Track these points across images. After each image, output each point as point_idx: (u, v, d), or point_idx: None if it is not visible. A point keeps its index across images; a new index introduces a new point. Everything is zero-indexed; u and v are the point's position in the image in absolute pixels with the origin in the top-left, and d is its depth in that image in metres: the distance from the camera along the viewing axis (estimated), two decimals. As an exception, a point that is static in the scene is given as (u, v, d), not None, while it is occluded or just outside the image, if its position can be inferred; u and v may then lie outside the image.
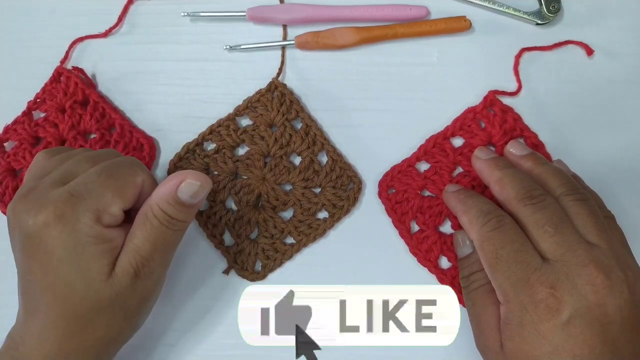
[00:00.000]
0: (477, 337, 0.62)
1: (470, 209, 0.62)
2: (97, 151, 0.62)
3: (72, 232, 0.55)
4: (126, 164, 0.61)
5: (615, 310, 0.53)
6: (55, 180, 0.58)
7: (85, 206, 0.56)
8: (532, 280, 0.55)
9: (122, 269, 0.57)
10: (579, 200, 0.59)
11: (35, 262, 0.56)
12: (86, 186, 0.57)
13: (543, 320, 0.54)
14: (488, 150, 0.67)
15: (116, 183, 0.58)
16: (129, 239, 0.59)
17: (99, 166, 0.59)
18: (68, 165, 0.60)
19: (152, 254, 0.59)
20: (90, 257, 0.56)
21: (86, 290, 0.56)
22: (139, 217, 0.60)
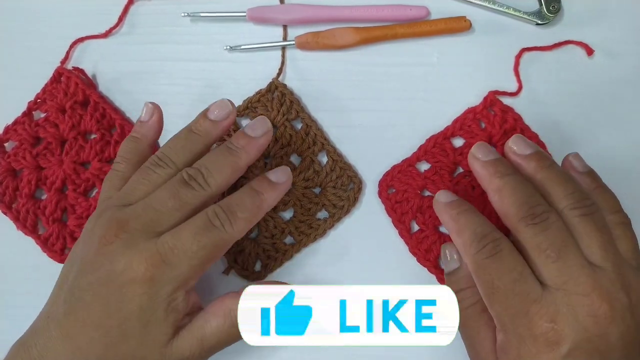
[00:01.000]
0: (471, 353, 0.60)
1: (463, 230, 0.58)
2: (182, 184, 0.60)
3: (153, 296, 0.56)
4: (218, 225, 0.58)
5: (617, 338, 0.52)
6: (147, 225, 0.58)
7: (173, 275, 0.56)
8: (531, 312, 0.53)
9: (179, 348, 0.57)
10: (584, 215, 0.56)
11: (102, 302, 0.56)
12: (178, 253, 0.56)
13: (542, 353, 0.52)
14: (487, 148, 0.61)
15: (208, 254, 0.57)
16: (200, 324, 0.59)
17: (191, 229, 0.57)
18: (156, 203, 0.59)
19: (213, 349, 0.59)
20: (157, 321, 0.56)
21: (138, 348, 0.56)
22: (220, 307, 0.60)
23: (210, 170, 0.61)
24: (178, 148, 0.63)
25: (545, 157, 0.60)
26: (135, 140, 0.67)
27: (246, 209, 0.60)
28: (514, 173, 0.59)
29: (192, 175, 0.60)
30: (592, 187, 0.61)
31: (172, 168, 0.62)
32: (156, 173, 0.61)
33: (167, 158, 0.62)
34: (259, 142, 0.64)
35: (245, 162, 0.63)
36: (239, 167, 0.63)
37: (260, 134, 0.64)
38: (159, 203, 0.59)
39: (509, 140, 0.62)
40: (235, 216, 0.59)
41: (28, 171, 0.74)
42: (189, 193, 0.59)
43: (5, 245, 0.75)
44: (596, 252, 0.54)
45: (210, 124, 0.64)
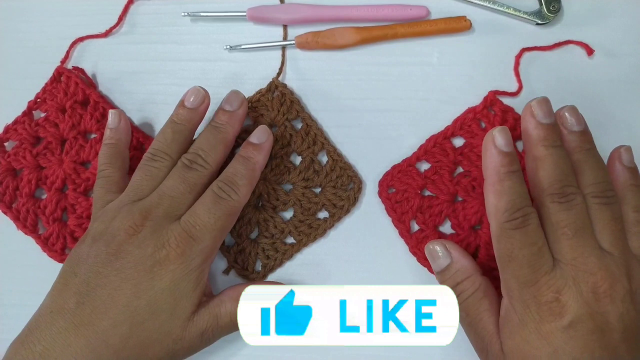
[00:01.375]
0: (476, 342, 0.62)
1: (503, 194, 0.58)
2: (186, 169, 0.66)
3: (184, 269, 0.61)
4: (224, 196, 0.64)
5: (616, 319, 0.54)
6: (167, 211, 0.63)
7: (200, 248, 0.62)
8: (540, 282, 0.55)
9: (198, 322, 0.63)
10: (604, 204, 0.59)
11: (131, 282, 0.60)
12: (200, 229, 0.62)
13: (545, 322, 0.55)
14: (548, 108, 0.62)
15: (224, 223, 0.64)
16: (216, 303, 0.65)
17: (205, 206, 0.64)
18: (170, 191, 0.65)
19: (226, 328, 0.65)
20: (187, 292, 0.62)
21: (165, 322, 0.60)
22: (235, 292, 0.65)
23: (206, 151, 0.67)
24: (167, 141, 0.68)
25: (588, 140, 0.62)
26: (112, 145, 0.71)
27: (243, 175, 0.66)
28: (560, 146, 0.60)
29: (192, 160, 0.66)
30: (629, 182, 0.63)
31: (168, 160, 0.67)
32: (155, 168, 0.66)
33: (160, 152, 0.67)
34: (239, 113, 0.69)
35: (232, 135, 0.69)
36: (229, 140, 0.68)
37: (237, 107, 0.69)
38: (171, 190, 0.64)
39: (563, 108, 0.63)
40: (236, 185, 0.65)
41: (28, 171, 0.74)
42: (194, 175, 0.65)
43: (5, 245, 0.75)
44: (607, 238, 0.57)
45: (188, 112, 0.69)
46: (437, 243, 0.66)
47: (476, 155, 0.69)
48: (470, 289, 0.62)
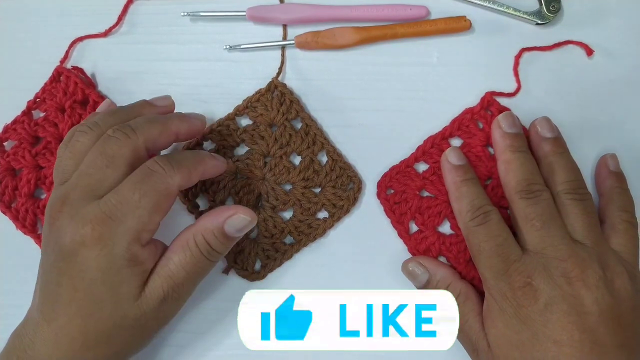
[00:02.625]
0: (466, 344, 0.64)
1: (462, 198, 0.64)
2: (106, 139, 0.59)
3: (108, 255, 0.56)
4: (157, 169, 0.58)
5: (591, 302, 0.56)
6: (85, 191, 0.57)
7: (123, 229, 0.56)
8: (510, 270, 0.58)
9: (152, 292, 0.58)
10: (576, 199, 0.61)
11: (65, 276, 0.56)
12: (122, 207, 0.56)
13: (522, 306, 0.57)
14: (511, 120, 0.66)
15: (152, 199, 0.57)
16: (163, 262, 0.60)
17: (131, 181, 0.57)
18: (87, 168, 0.59)
19: (185, 282, 0.60)
20: (123, 278, 0.56)
21: (114, 309, 0.57)
22: (177, 243, 0.61)
23: (138, 123, 0.61)
24: (106, 114, 0.64)
25: (561, 145, 0.65)
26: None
27: (187, 158, 0.61)
28: (525, 151, 0.65)
29: (117, 128, 0.60)
30: (614, 185, 0.67)
31: (96, 131, 0.61)
32: (79, 141, 0.61)
33: (92, 122, 0.62)
34: (192, 120, 0.66)
35: (175, 128, 0.64)
36: (169, 129, 0.63)
37: (194, 116, 0.67)
38: (89, 167, 0.58)
39: (536, 120, 0.67)
40: (176, 162, 0.59)
41: (27, 170, 0.73)
42: (113, 144, 0.59)
43: (5, 245, 0.75)
44: (579, 230, 0.60)
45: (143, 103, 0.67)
46: (411, 262, 0.67)
47: (474, 155, 0.69)
48: (453, 295, 0.63)
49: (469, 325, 0.62)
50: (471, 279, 0.66)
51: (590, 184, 0.69)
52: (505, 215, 0.64)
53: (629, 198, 0.66)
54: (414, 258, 0.68)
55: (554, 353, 0.55)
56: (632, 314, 0.57)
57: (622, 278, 0.58)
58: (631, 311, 0.57)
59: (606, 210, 0.65)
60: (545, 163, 0.64)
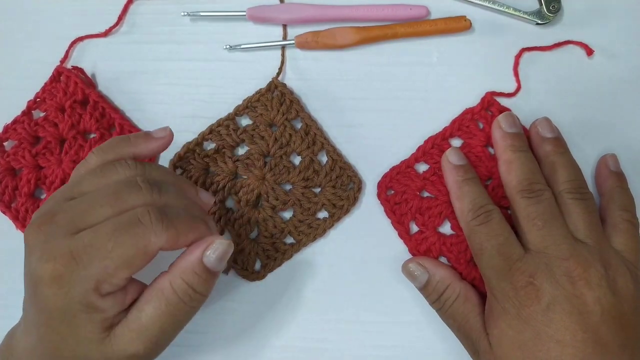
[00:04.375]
0: (467, 344, 0.63)
1: (463, 197, 0.64)
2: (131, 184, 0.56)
3: (64, 296, 0.52)
4: (145, 221, 0.53)
5: (593, 302, 0.55)
6: (71, 220, 0.53)
7: (83, 274, 0.51)
8: (512, 270, 0.58)
9: (120, 345, 0.54)
10: (577, 199, 0.61)
11: (32, 301, 0.54)
12: (91, 251, 0.51)
13: (524, 306, 0.57)
14: (512, 120, 0.66)
15: (125, 253, 0.52)
16: (135, 313, 0.55)
17: (111, 226, 0.52)
18: (89, 201, 0.55)
19: (160, 336, 0.55)
20: (79, 323, 0.53)
21: (76, 347, 0.54)
22: (151, 292, 0.56)
23: (169, 191, 0.58)
24: (155, 167, 0.61)
25: (562, 145, 0.65)
26: (126, 139, 0.63)
27: (183, 220, 0.56)
28: (526, 150, 0.64)
29: (149, 182, 0.57)
30: (615, 185, 0.66)
31: (135, 172, 0.58)
32: (116, 170, 0.58)
33: (140, 164, 0.60)
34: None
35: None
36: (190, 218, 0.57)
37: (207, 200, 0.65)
38: (95, 197, 0.55)
39: (537, 120, 0.67)
40: (168, 220, 0.54)
41: (27, 170, 0.73)
42: (133, 191, 0.55)
43: (5, 245, 0.75)
44: (581, 229, 0.60)
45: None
46: (411, 263, 0.67)
47: (475, 155, 0.69)
48: (453, 295, 0.64)
49: (470, 326, 0.62)
50: (472, 279, 0.66)
51: (591, 184, 0.69)
52: (506, 215, 0.64)
53: (629, 197, 0.66)
54: (413, 259, 0.67)
55: (556, 353, 0.55)
56: (634, 314, 0.56)
57: (625, 277, 0.57)
58: (634, 310, 0.56)
59: (607, 210, 0.65)
60: (546, 163, 0.64)
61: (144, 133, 0.64)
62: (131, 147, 0.62)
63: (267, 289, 0.71)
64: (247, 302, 0.71)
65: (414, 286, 0.67)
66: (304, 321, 0.70)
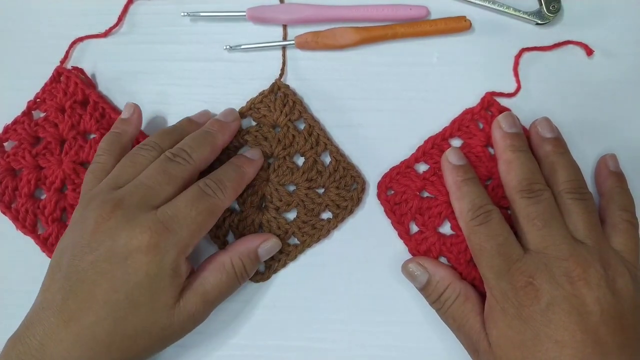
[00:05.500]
0: (467, 344, 0.63)
1: (463, 197, 0.63)
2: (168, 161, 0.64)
3: (159, 263, 0.58)
4: (209, 192, 0.63)
5: (593, 302, 0.55)
6: (141, 200, 0.60)
7: (175, 240, 0.59)
8: (512, 270, 0.58)
9: (185, 306, 0.61)
10: (577, 199, 0.61)
11: (106, 278, 0.58)
12: (178, 220, 0.60)
13: (524, 306, 0.56)
14: (512, 120, 0.66)
15: (204, 219, 0.62)
16: (200, 281, 0.63)
17: (187, 198, 0.62)
18: (147, 180, 0.62)
19: (215, 302, 0.64)
20: (164, 287, 0.59)
21: (148, 315, 0.59)
22: (213, 265, 0.64)
23: (192, 147, 0.65)
24: (163, 135, 0.68)
25: (561, 145, 0.65)
26: (116, 134, 0.70)
27: (232, 178, 0.65)
28: (526, 150, 0.64)
29: (176, 153, 0.64)
30: (615, 185, 0.66)
31: (157, 150, 0.66)
32: (142, 156, 0.65)
33: (152, 142, 0.67)
34: (231, 126, 0.70)
35: (221, 142, 0.69)
36: (217, 145, 0.68)
37: (231, 120, 0.70)
38: (149, 179, 0.62)
39: (537, 120, 0.67)
40: (223, 184, 0.64)
41: (27, 171, 0.73)
42: (176, 167, 0.63)
43: (5, 245, 0.74)
44: (580, 229, 0.60)
45: (188, 122, 0.71)
46: (411, 263, 0.67)
47: (475, 155, 0.68)
48: (453, 295, 0.64)
49: (470, 326, 0.62)
50: (472, 279, 0.66)
51: (591, 184, 0.69)
52: (506, 215, 0.64)
53: (629, 198, 0.66)
54: (413, 259, 0.67)
55: (555, 353, 0.54)
56: (633, 314, 0.56)
57: (624, 277, 0.57)
58: (633, 311, 0.56)
59: (607, 210, 0.65)
60: (546, 163, 0.64)
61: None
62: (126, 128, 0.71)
63: (271, 289, 0.71)
64: (251, 303, 0.71)
65: (414, 286, 0.67)
66: (305, 321, 0.70)
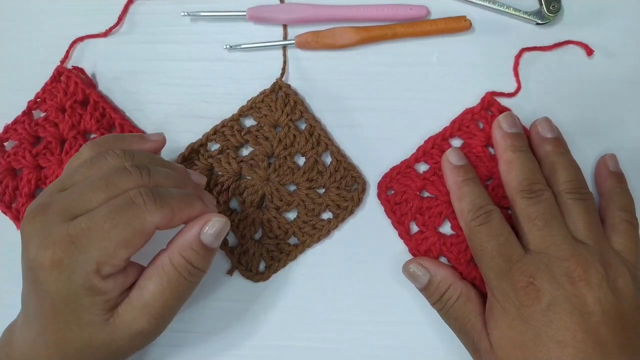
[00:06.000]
0: (468, 344, 0.63)
1: (463, 197, 0.63)
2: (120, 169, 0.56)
3: (66, 281, 0.53)
4: (139, 202, 0.54)
5: (594, 302, 0.55)
6: (66, 208, 0.54)
7: (83, 258, 0.52)
8: (513, 270, 0.58)
9: (124, 323, 0.55)
10: (578, 199, 0.61)
11: (32, 291, 0.56)
12: (89, 234, 0.52)
13: (524, 306, 0.57)
14: (512, 120, 0.66)
15: (122, 233, 0.53)
16: (137, 291, 0.56)
17: (106, 208, 0.53)
18: (81, 189, 0.55)
19: (163, 312, 0.57)
20: (83, 306, 0.54)
21: (80, 332, 0.55)
22: (152, 269, 0.57)
23: (159, 172, 0.58)
24: (145, 155, 0.61)
25: (562, 145, 0.65)
26: (119, 138, 0.63)
27: (176, 198, 0.56)
28: (526, 150, 0.64)
29: (137, 166, 0.57)
30: (614, 185, 0.66)
31: (125, 159, 0.58)
32: (105, 160, 0.58)
33: (129, 152, 0.59)
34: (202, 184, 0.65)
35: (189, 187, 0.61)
36: (182, 183, 0.60)
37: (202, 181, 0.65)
38: (87, 185, 0.55)
39: (537, 120, 0.67)
40: (162, 199, 0.55)
41: (28, 170, 0.73)
42: (122, 176, 0.56)
43: (5, 245, 0.74)
44: (581, 230, 0.60)
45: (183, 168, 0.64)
46: (412, 263, 0.66)
47: (475, 155, 0.68)
48: (454, 295, 0.64)
49: (471, 326, 0.62)
50: (472, 279, 0.66)
51: (590, 184, 0.69)
52: (506, 215, 0.64)
53: (629, 198, 0.66)
54: (414, 259, 0.67)
55: (557, 353, 0.55)
56: (634, 314, 0.56)
57: (625, 278, 0.57)
58: (634, 311, 0.57)
59: (606, 210, 0.65)
60: (546, 163, 0.64)
61: (139, 134, 0.66)
62: (125, 145, 0.63)
63: (271, 289, 0.71)
64: (251, 303, 0.71)
65: (416, 287, 0.67)
66: (305, 321, 0.70)
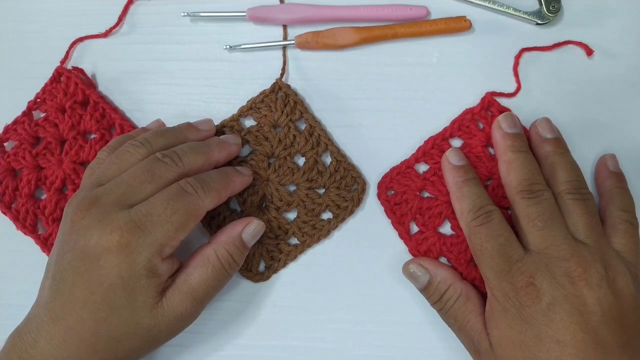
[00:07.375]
0: (468, 344, 0.63)
1: (464, 198, 0.63)
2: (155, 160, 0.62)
3: (131, 263, 0.56)
4: (190, 190, 0.60)
5: (594, 302, 0.55)
6: (119, 199, 0.58)
7: (149, 240, 0.57)
8: (513, 270, 0.58)
9: (170, 306, 0.59)
10: (578, 199, 0.61)
11: (83, 277, 0.56)
12: (152, 219, 0.57)
13: (525, 306, 0.56)
14: (512, 120, 0.66)
15: (181, 218, 0.59)
16: (183, 278, 0.61)
17: (164, 196, 0.59)
18: (127, 181, 0.60)
19: (204, 297, 0.61)
20: (141, 288, 0.57)
21: (129, 316, 0.57)
22: (197, 259, 0.62)
23: (184, 152, 0.63)
24: (157, 134, 0.65)
25: (562, 145, 0.65)
26: (129, 136, 0.67)
27: (217, 180, 0.63)
28: (526, 151, 0.64)
29: (166, 154, 0.62)
30: (614, 185, 0.66)
31: (147, 148, 0.63)
32: (129, 152, 0.63)
33: (143, 139, 0.64)
34: (231, 147, 0.69)
35: (216, 157, 0.66)
36: (211, 158, 0.66)
37: (233, 142, 0.69)
38: (131, 177, 0.60)
39: (537, 120, 0.67)
40: (207, 185, 0.61)
41: (28, 171, 0.72)
42: (161, 167, 0.61)
43: (5, 245, 0.74)
44: (581, 230, 0.59)
45: (191, 129, 0.69)
46: (412, 264, 0.67)
47: (475, 156, 0.68)
48: (454, 295, 0.64)
49: (471, 326, 0.62)
50: (472, 279, 0.66)
51: (590, 184, 0.68)
52: (506, 215, 0.64)
53: (629, 198, 0.65)
54: (414, 259, 0.67)
55: (557, 353, 0.54)
56: (634, 314, 0.56)
57: (625, 278, 0.57)
58: (634, 311, 0.56)
59: (606, 211, 0.65)
60: (546, 163, 0.64)
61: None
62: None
63: (271, 289, 0.71)
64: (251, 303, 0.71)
65: (416, 287, 0.67)
66: (305, 321, 0.70)
